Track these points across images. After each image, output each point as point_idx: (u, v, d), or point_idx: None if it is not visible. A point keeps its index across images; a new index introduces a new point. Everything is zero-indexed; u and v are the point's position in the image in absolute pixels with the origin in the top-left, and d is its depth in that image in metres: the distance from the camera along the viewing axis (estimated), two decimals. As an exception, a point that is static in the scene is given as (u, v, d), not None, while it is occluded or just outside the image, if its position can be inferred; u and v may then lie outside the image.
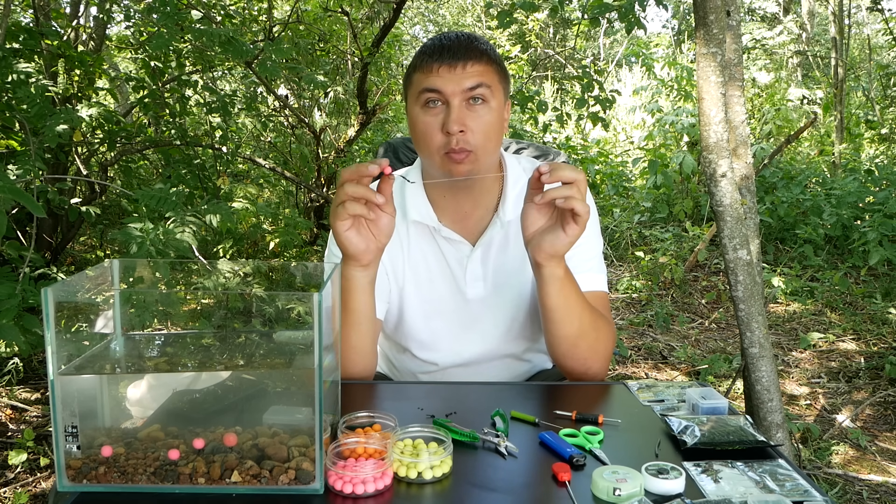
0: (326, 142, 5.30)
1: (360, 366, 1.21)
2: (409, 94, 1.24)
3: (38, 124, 2.40)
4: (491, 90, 1.19)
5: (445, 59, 1.17)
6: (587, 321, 1.18)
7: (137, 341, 0.97)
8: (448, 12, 13.42)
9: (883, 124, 7.30)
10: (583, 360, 1.21)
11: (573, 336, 1.18)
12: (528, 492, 0.81)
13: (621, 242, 5.64)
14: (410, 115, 1.23)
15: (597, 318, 1.21)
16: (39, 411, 2.58)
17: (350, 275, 1.13)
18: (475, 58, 1.18)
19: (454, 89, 1.17)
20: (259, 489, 0.79)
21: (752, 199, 1.82)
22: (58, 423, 0.79)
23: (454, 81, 1.17)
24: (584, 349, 1.20)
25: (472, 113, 1.18)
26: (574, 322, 1.17)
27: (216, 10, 3.67)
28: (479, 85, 1.18)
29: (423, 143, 1.21)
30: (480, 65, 1.19)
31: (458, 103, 1.17)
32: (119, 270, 0.96)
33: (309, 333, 0.78)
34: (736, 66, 1.74)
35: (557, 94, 8.74)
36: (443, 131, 1.17)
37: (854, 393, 3.05)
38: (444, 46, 1.19)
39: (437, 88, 1.17)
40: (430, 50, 1.20)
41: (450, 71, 1.17)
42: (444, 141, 1.17)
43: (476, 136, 1.17)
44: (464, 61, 1.17)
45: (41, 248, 3.22)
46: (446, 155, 1.18)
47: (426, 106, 1.19)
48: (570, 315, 1.16)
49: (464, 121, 1.16)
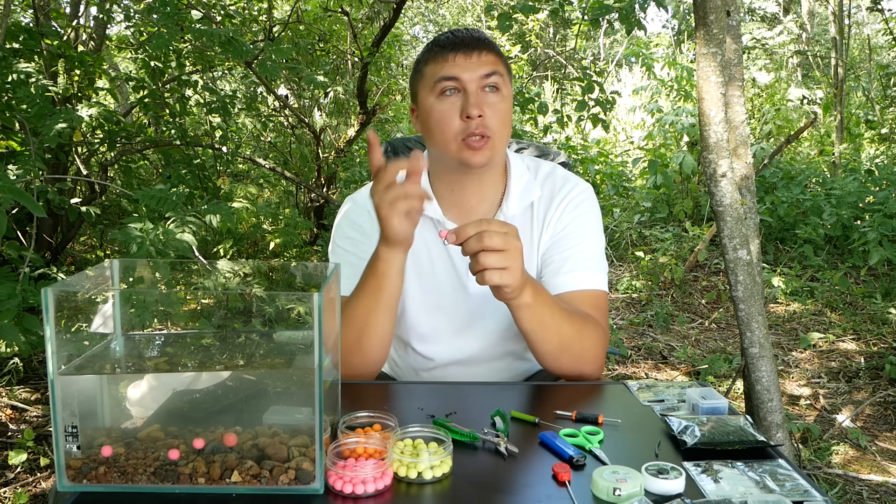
0: (326, 142, 5.30)
1: (383, 353, 1.20)
2: (420, 87, 1.25)
3: (38, 124, 2.40)
4: (503, 79, 1.22)
5: (460, 48, 1.20)
6: (568, 334, 1.17)
7: (137, 341, 0.97)
8: (448, 12, 13.42)
9: (883, 124, 7.29)
10: (571, 368, 1.21)
11: (555, 351, 1.18)
12: (528, 492, 0.81)
13: (621, 242, 5.64)
14: (424, 105, 1.23)
15: (582, 326, 1.19)
16: (39, 411, 2.58)
17: (394, 259, 1.12)
18: (488, 48, 1.22)
19: (471, 76, 1.19)
20: (259, 489, 0.79)
21: (752, 199, 1.82)
22: (58, 423, 0.79)
23: (470, 69, 1.19)
24: (569, 360, 1.19)
25: (487, 100, 1.20)
26: (552, 340, 1.16)
27: (216, 10, 3.67)
28: (494, 73, 1.20)
29: (438, 132, 1.21)
30: (492, 55, 1.22)
31: (475, 89, 1.19)
32: (119, 270, 0.96)
33: (309, 333, 0.78)
34: (736, 66, 1.74)
35: (558, 94, 8.73)
36: (461, 117, 1.18)
37: (854, 393, 3.05)
38: (458, 38, 1.22)
39: (455, 76, 1.19)
40: (442, 42, 1.22)
41: (466, 59, 1.20)
42: (463, 127, 1.19)
43: (493, 122, 1.19)
44: (478, 50, 1.20)
45: (41, 248, 3.22)
46: (464, 141, 1.19)
47: (442, 94, 1.20)
48: (547, 335, 1.15)
49: (482, 106, 1.18)
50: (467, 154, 1.19)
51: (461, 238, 1.01)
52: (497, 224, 1.01)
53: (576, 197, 1.33)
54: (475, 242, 1.00)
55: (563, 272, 1.27)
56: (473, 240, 1.00)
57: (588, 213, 1.33)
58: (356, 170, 5.48)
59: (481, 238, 1.00)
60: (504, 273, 1.01)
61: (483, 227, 1.00)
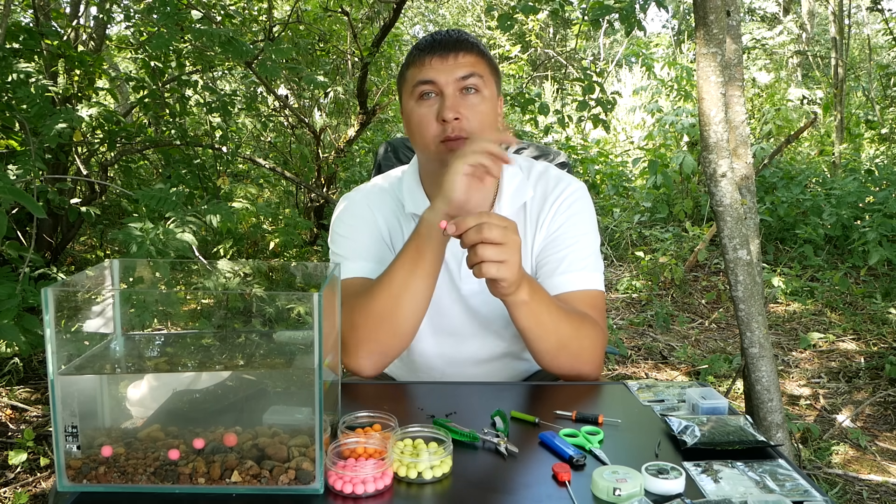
0: (326, 142, 5.30)
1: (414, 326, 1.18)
2: (403, 91, 1.26)
3: (38, 124, 2.40)
4: (483, 80, 1.21)
5: (437, 51, 1.20)
6: (566, 332, 1.17)
7: (137, 341, 0.97)
8: (448, 12, 13.41)
9: (883, 124, 7.29)
10: (569, 367, 1.21)
11: (552, 349, 1.18)
12: (528, 492, 0.81)
13: (621, 242, 5.64)
14: (405, 109, 1.25)
15: (579, 325, 1.19)
16: (39, 411, 2.58)
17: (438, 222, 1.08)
18: (466, 49, 1.21)
19: (447, 79, 1.19)
20: (259, 489, 0.79)
21: (752, 199, 1.82)
22: (58, 423, 0.79)
23: (447, 71, 1.19)
24: (566, 358, 1.19)
25: (465, 101, 1.19)
26: (550, 338, 1.16)
27: (216, 10, 3.67)
28: (472, 74, 1.20)
29: (418, 135, 1.22)
30: (471, 56, 1.21)
31: (452, 92, 1.19)
32: (119, 270, 0.96)
33: (309, 333, 0.78)
34: (736, 66, 1.74)
35: (558, 94, 8.73)
36: (438, 120, 1.19)
37: (854, 393, 3.05)
38: (436, 41, 1.22)
39: (431, 79, 1.19)
40: (421, 45, 1.23)
41: (442, 62, 1.19)
42: (440, 130, 1.19)
43: (471, 124, 1.19)
44: (455, 52, 1.20)
45: (41, 248, 3.22)
46: (442, 143, 1.19)
47: (421, 98, 1.21)
48: (544, 332, 1.15)
49: (458, 108, 1.18)
50: (446, 155, 1.19)
51: (461, 229, 1.01)
52: (497, 218, 1.01)
53: (569, 196, 1.32)
54: (474, 234, 1.00)
55: (558, 273, 1.27)
56: (473, 231, 1.01)
57: (582, 212, 1.33)
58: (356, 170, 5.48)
59: (480, 230, 1.00)
60: (501, 266, 1.02)
61: (483, 220, 1.00)
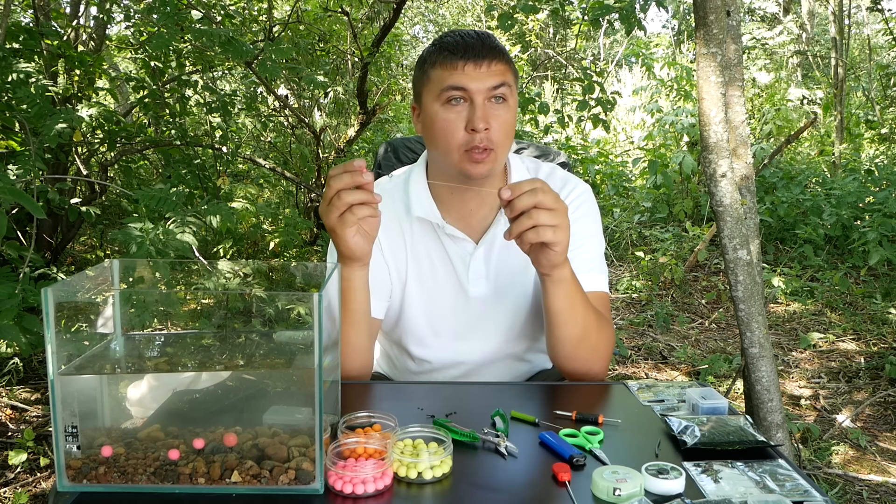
0: (326, 142, 5.30)
1: (358, 363, 1.22)
2: (425, 90, 1.22)
3: (38, 124, 2.40)
4: (511, 90, 1.20)
5: (470, 56, 1.17)
6: (591, 322, 1.18)
7: (137, 341, 0.97)
8: (448, 12, 13.40)
9: (883, 124, 7.29)
10: (584, 361, 1.21)
11: (577, 338, 1.18)
12: (528, 492, 0.81)
13: (621, 242, 5.64)
14: (429, 111, 1.21)
15: (599, 318, 1.21)
16: (39, 411, 2.58)
17: (352, 276, 1.14)
18: (498, 57, 1.19)
19: (479, 87, 1.16)
20: (259, 489, 0.79)
21: (752, 199, 1.82)
22: (58, 423, 0.79)
23: (480, 80, 1.17)
24: (586, 350, 1.20)
25: (494, 111, 1.18)
26: (578, 323, 1.17)
27: (216, 10, 3.66)
28: (502, 84, 1.18)
29: (442, 140, 1.20)
30: (502, 64, 1.19)
31: (482, 101, 1.17)
32: (119, 270, 0.96)
33: (309, 333, 0.78)
34: (736, 67, 1.74)
35: (558, 94, 8.73)
36: (467, 129, 1.17)
37: (854, 393, 3.05)
38: (468, 44, 1.18)
39: (463, 86, 1.16)
40: (452, 47, 1.19)
41: (476, 69, 1.17)
42: (467, 139, 1.17)
43: (498, 135, 1.18)
44: (489, 60, 1.17)
45: (41, 249, 3.22)
46: (466, 153, 1.18)
47: (448, 103, 1.18)
48: (574, 317, 1.16)
49: (488, 119, 1.17)
50: (469, 166, 1.18)
51: (516, 193, 1.01)
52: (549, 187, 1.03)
53: (576, 199, 1.33)
54: (529, 197, 1.01)
55: None
56: (527, 195, 1.01)
57: (588, 214, 1.33)
58: (356, 170, 5.46)
59: (535, 193, 1.01)
60: (557, 230, 1.02)
61: (537, 185, 1.02)
